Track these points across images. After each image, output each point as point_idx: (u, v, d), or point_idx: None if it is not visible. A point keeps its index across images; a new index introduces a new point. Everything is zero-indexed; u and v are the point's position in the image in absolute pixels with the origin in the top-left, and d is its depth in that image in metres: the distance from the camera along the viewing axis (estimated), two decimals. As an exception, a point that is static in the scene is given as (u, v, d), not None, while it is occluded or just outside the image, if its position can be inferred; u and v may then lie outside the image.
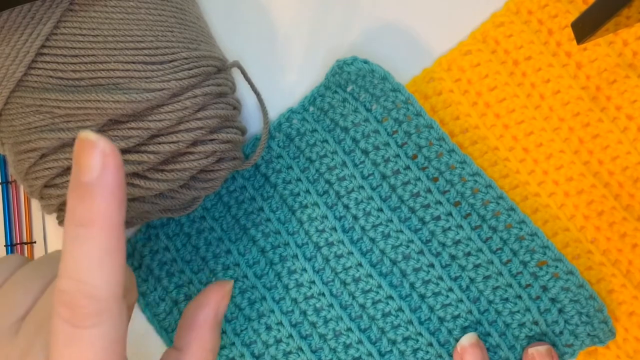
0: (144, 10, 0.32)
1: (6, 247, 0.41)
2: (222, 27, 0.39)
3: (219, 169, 0.34)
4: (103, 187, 0.22)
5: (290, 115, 0.38)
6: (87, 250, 0.22)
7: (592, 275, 0.36)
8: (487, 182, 0.36)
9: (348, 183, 0.37)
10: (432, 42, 0.39)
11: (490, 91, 0.37)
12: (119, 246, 0.23)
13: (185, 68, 0.32)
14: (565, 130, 0.37)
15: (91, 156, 0.22)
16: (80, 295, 0.22)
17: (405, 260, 0.36)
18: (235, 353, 0.36)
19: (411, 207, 0.36)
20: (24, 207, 0.41)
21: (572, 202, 0.36)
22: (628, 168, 0.36)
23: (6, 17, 0.32)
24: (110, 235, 0.22)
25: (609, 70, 0.37)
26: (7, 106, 0.32)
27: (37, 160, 0.32)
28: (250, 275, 0.37)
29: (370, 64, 0.36)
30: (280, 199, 0.37)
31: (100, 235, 0.22)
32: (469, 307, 0.35)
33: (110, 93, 0.30)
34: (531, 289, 0.35)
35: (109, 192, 0.22)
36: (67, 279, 0.22)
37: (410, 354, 0.35)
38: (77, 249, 0.22)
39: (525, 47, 0.37)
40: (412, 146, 0.36)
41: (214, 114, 0.33)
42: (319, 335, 0.36)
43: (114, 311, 0.23)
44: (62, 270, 0.22)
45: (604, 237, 0.36)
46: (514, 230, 0.35)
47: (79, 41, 0.31)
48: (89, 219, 0.22)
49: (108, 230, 0.22)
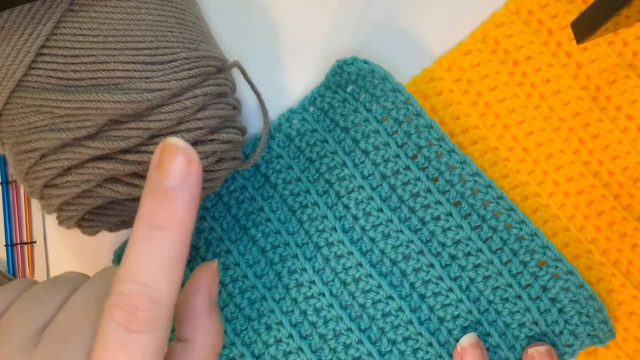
0: (144, 11, 0.32)
1: (6, 247, 0.41)
2: (222, 27, 0.39)
3: (219, 169, 0.34)
4: (185, 193, 0.22)
5: (290, 116, 0.38)
6: (157, 253, 0.22)
7: (592, 275, 0.36)
8: (487, 182, 0.36)
9: (348, 183, 0.37)
10: (432, 42, 0.39)
11: (490, 91, 0.37)
12: (185, 253, 0.23)
13: (185, 68, 0.32)
14: (565, 130, 0.37)
15: (177, 162, 0.22)
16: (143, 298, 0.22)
17: (405, 260, 0.36)
18: (235, 353, 0.36)
19: (411, 207, 0.36)
20: (24, 207, 0.41)
21: (572, 202, 0.36)
22: (628, 168, 0.36)
23: (6, 17, 0.32)
24: (183, 240, 0.23)
25: (609, 70, 0.37)
26: (7, 106, 0.32)
27: (37, 160, 0.32)
28: (250, 275, 0.37)
29: (370, 64, 0.36)
30: (280, 199, 0.37)
31: (174, 240, 0.22)
32: (468, 307, 0.35)
33: (110, 93, 0.30)
34: (531, 289, 0.35)
35: (190, 199, 0.22)
36: (130, 282, 0.22)
37: (410, 354, 0.35)
38: (147, 251, 0.22)
39: (525, 47, 0.37)
40: (412, 146, 0.37)
41: (214, 114, 0.33)
42: (319, 335, 0.36)
43: (168, 317, 0.23)
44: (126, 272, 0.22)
45: (604, 237, 0.36)
46: (514, 230, 0.35)
47: (79, 41, 0.31)
48: (166, 223, 0.22)
49: (182, 235, 0.23)
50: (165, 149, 0.22)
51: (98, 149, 0.31)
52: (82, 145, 0.31)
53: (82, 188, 0.32)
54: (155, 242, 0.22)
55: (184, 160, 0.22)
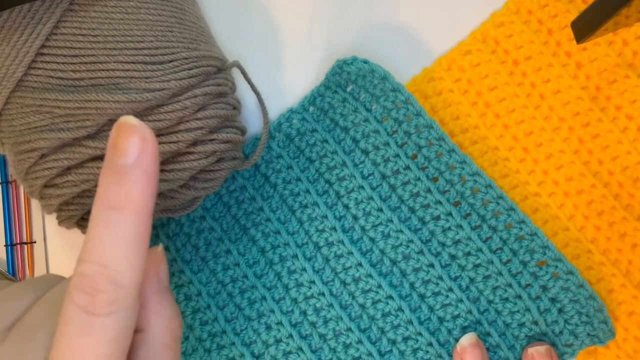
0: (144, 10, 0.32)
1: (6, 247, 0.41)
2: (222, 27, 0.39)
3: (219, 169, 0.34)
4: (140, 171, 0.22)
5: (290, 115, 0.38)
6: (115, 233, 0.22)
7: (592, 275, 0.36)
8: (487, 182, 0.36)
9: (348, 183, 0.37)
10: (432, 42, 0.39)
11: (490, 91, 0.37)
12: (146, 234, 0.22)
13: (185, 68, 0.32)
14: (565, 130, 0.37)
15: (130, 140, 0.22)
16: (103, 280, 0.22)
17: (405, 260, 0.36)
18: (235, 353, 0.36)
19: (411, 207, 0.36)
20: (24, 207, 0.41)
21: (572, 202, 0.36)
22: (628, 168, 0.36)
23: (6, 17, 0.32)
24: (141, 221, 0.22)
25: (609, 70, 0.37)
26: (7, 106, 0.32)
27: (37, 160, 0.32)
28: (250, 275, 0.37)
29: (370, 64, 0.36)
30: (280, 198, 0.37)
31: (132, 219, 0.22)
32: (468, 307, 0.35)
33: (110, 93, 0.30)
34: (531, 289, 0.35)
35: (146, 177, 0.22)
36: (90, 263, 0.22)
37: (410, 354, 0.35)
38: (105, 231, 0.22)
39: (525, 47, 0.37)
40: (412, 146, 0.37)
41: (214, 114, 0.33)
42: (319, 335, 0.36)
43: (130, 301, 0.22)
44: (86, 253, 0.22)
45: (604, 237, 0.36)
46: (514, 230, 0.35)
47: (79, 41, 0.31)
48: (122, 202, 0.22)
49: (140, 215, 0.22)
50: (119, 128, 0.22)
51: (98, 149, 0.31)
52: (82, 145, 0.31)
53: (82, 188, 0.32)
54: (113, 223, 0.22)
55: (137, 139, 0.22)
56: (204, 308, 0.37)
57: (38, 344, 0.24)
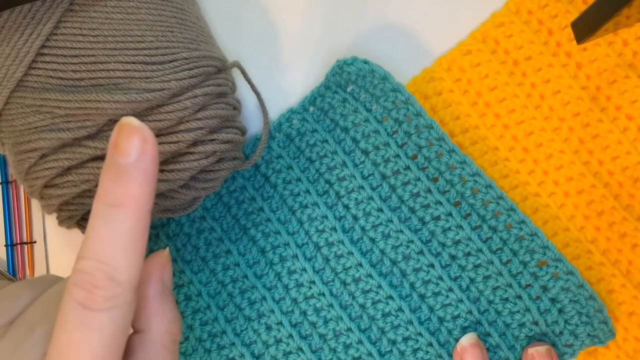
0: (144, 10, 0.32)
1: (6, 247, 0.41)
2: (222, 27, 0.39)
3: (219, 169, 0.34)
4: (140, 171, 0.23)
5: (291, 116, 0.38)
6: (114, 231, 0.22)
7: (592, 275, 0.36)
8: (487, 182, 0.36)
9: (348, 183, 0.37)
10: (432, 42, 0.39)
11: (490, 91, 0.37)
12: (144, 233, 0.23)
13: (185, 68, 0.32)
14: (565, 130, 0.37)
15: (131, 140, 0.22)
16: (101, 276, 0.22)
17: (405, 260, 0.36)
18: (235, 353, 0.36)
19: (411, 207, 0.36)
20: (24, 207, 0.41)
21: (572, 202, 0.36)
22: (628, 168, 0.36)
23: (6, 17, 0.32)
24: (139, 219, 0.23)
25: (609, 70, 0.37)
26: (7, 106, 0.32)
27: (37, 160, 0.32)
28: (250, 275, 0.37)
29: (370, 64, 0.36)
30: (280, 199, 0.37)
31: (130, 217, 0.23)
32: (468, 307, 0.35)
33: (110, 93, 0.30)
34: (531, 289, 0.35)
35: (145, 177, 0.23)
36: (88, 259, 0.22)
37: (410, 354, 0.35)
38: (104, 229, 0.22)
39: (525, 47, 0.37)
40: (412, 146, 0.37)
41: (214, 114, 0.33)
42: (319, 335, 0.36)
43: (127, 298, 0.23)
44: (85, 250, 0.23)
45: (604, 237, 0.36)
46: (514, 230, 0.35)
47: (79, 41, 0.31)
48: (122, 200, 0.22)
49: (138, 213, 0.23)
50: (121, 128, 0.23)
51: (98, 149, 0.31)
52: (82, 145, 0.31)
53: (82, 188, 0.32)
54: (112, 220, 0.22)
55: (138, 139, 0.23)
56: (204, 308, 0.37)
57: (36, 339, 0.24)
